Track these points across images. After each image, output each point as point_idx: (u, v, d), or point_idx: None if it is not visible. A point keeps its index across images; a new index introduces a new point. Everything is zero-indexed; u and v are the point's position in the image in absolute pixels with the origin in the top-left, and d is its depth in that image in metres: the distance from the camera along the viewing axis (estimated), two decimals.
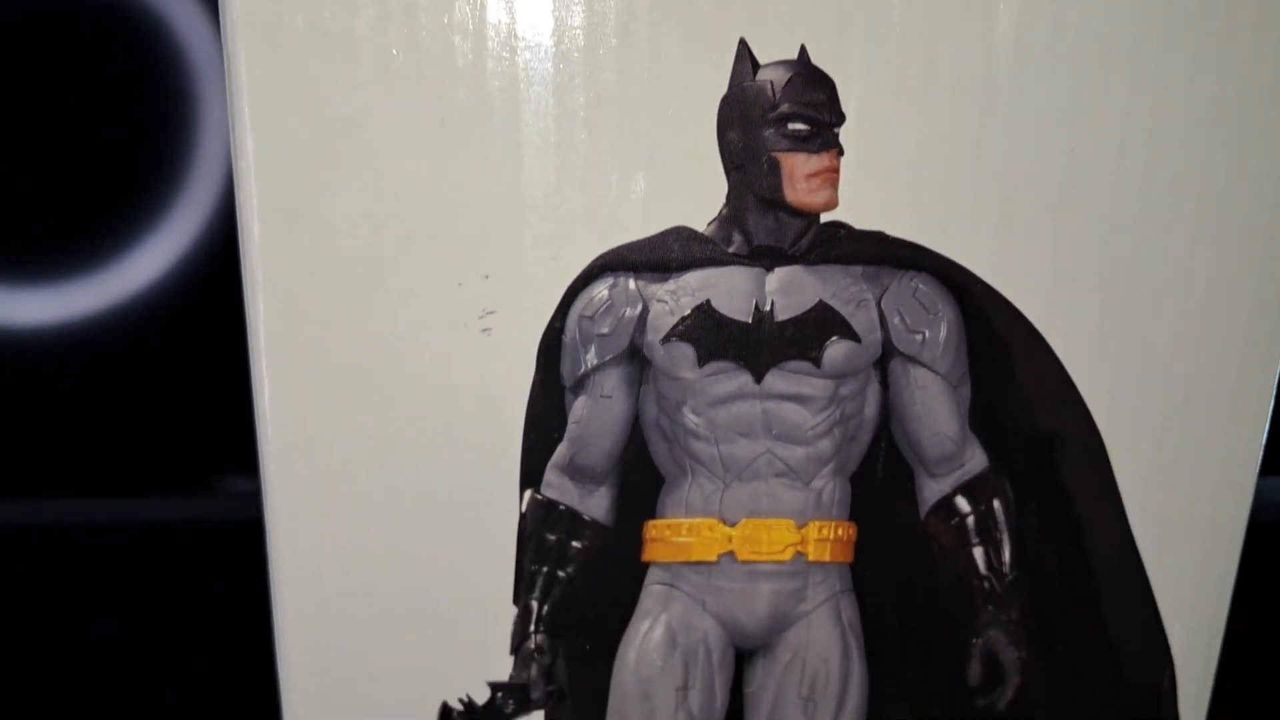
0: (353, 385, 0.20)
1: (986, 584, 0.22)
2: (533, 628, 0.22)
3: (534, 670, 0.22)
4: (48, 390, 0.51)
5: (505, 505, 0.21)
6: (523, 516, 0.21)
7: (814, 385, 0.21)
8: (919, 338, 0.20)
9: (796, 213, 0.19)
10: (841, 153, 0.19)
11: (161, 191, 0.47)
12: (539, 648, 0.22)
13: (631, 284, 0.20)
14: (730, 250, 0.20)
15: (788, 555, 0.22)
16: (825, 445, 0.21)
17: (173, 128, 0.46)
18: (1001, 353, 0.21)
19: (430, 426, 0.20)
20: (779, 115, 0.19)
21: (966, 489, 0.21)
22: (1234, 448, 0.22)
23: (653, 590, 0.22)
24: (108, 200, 0.48)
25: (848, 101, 0.19)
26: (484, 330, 0.19)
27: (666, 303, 0.20)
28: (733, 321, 0.20)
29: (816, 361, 0.20)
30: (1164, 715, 0.24)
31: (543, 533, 0.21)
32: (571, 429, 0.21)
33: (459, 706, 0.22)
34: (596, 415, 0.21)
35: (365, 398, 0.20)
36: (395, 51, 0.18)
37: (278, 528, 0.21)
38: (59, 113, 0.47)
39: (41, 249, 0.48)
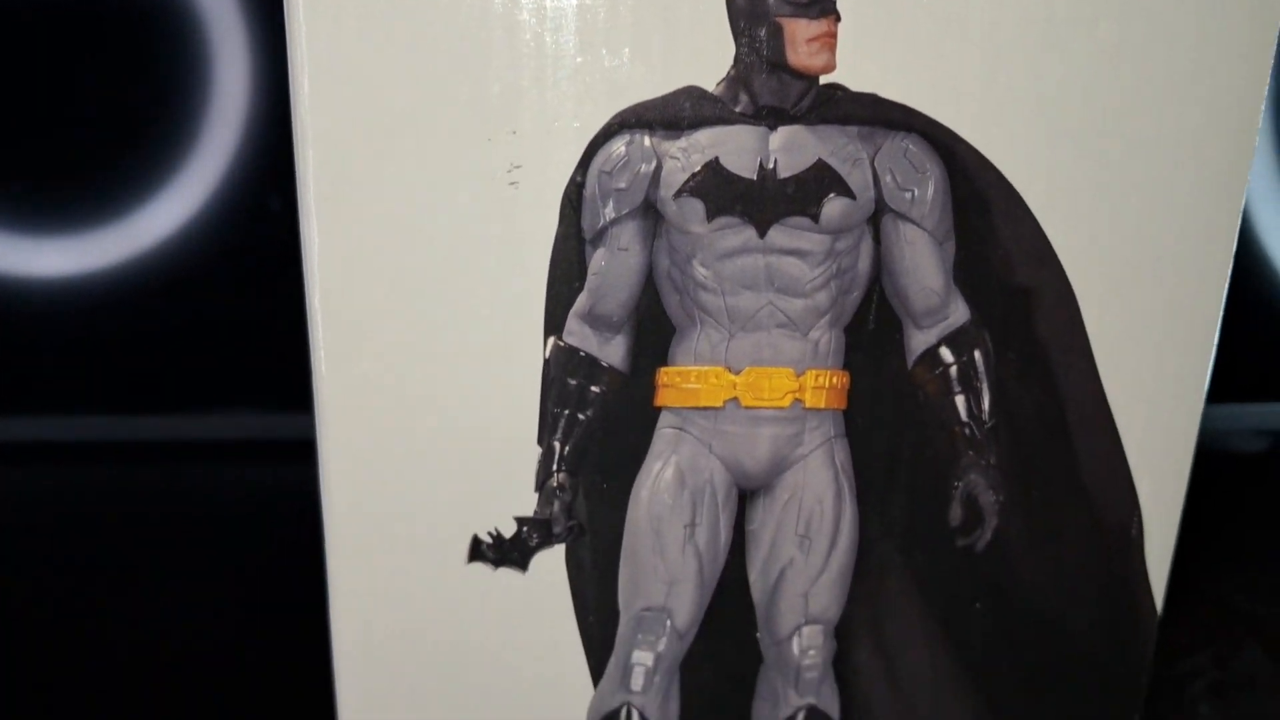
0: (393, 233, 0.22)
1: (967, 430, 0.24)
2: (555, 467, 0.24)
3: (556, 506, 0.24)
4: (69, 337, 0.53)
5: (530, 351, 0.23)
6: (546, 362, 0.23)
7: (813, 240, 0.22)
8: (909, 195, 0.22)
9: (798, 75, 0.21)
10: (839, 19, 0.21)
11: (177, 145, 0.48)
12: (560, 485, 0.24)
13: (646, 141, 0.22)
14: (737, 110, 0.21)
15: (786, 402, 0.24)
16: (822, 298, 0.23)
17: (188, 83, 0.47)
18: (983, 211, 0.23)
19: (462, 274, 0.22)
20: None
21: (950, 340, 0.23)
22: (1198, 305, 0.23)
23: (664, 434, 0.24)
24: (125, 154, 0.49)
25: None
26: (511, 184, 0.21)
27: (678, 159, 0.22)
28: (739, 178, 0.22)
29: (815, 217, 0.22)
30: (1132, 561, 0.26)
31: (564, 377, 0.23)
32: (591, 279, 0.23)
33: (488, 539, 0.24)
34: (614, 267, 0.22)
35: (404, 246, 0.22)
36: None
37: (323, 375, 0.23)
38: (77, 68, 0.48)
39: (61, 201, 0.50)
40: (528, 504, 0.24)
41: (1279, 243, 0.53)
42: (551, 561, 0.25)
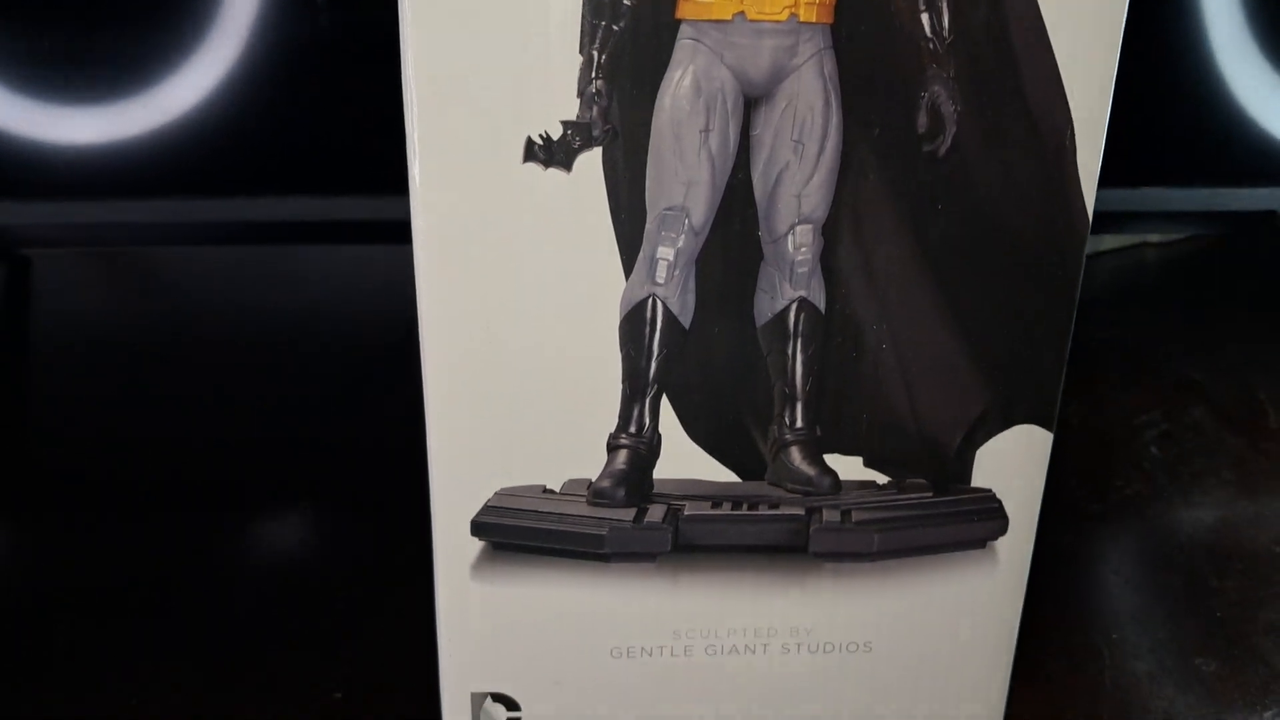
0: None
1: (931, 45, 0.29)
2: (593, 74, 0.29)
3: (594, 111, 0.29)
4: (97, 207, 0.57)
5: None
6: None
7: None
8: None
9: None
10: None
11: (200, 13, 0.50)
12: (598, 91, 0.29)
13: None
14: None
15: (784, 16, 0.29)
16: None
17: None
18: None
19: None
20: None
21: None
22: None
23: (683, 44, 0.29)
24: (151, 21, 0.51)
25: None
26: None
27: None
28: None
29: None
30: (1066, 168, 0.31)
31: None
32: None
33: (539, 140, 0.30)
34: None
35: None
36: None
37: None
38: None
39: (89, 69, 0.52)
40: (572, 113, 0.29)
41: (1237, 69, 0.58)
42: (591, 165, 0.30)
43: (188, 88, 0.52)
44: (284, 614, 0.44)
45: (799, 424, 0.33)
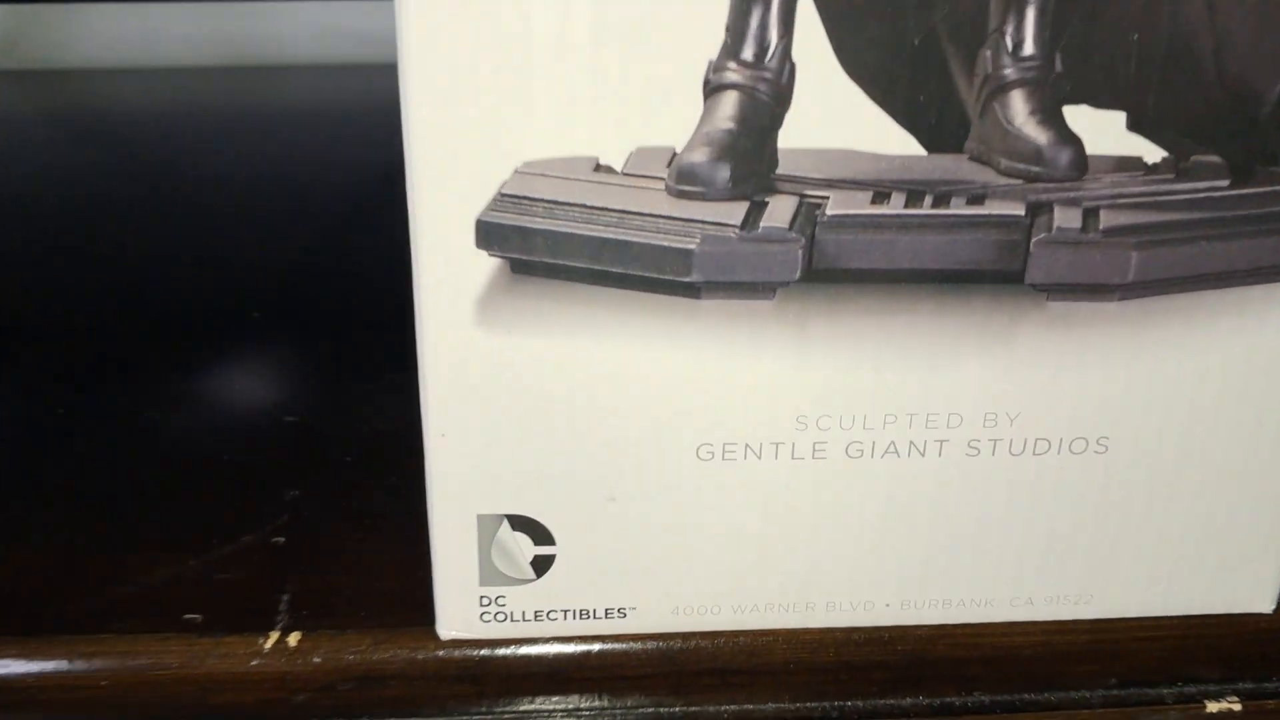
0: None
1: None
2: None
3: None
4: None
5: None
6: None
7: None
8: None
9: None
10: None
11: None
12: None
13: None
14: None
15: None
16: None
17: None
18: None
19: None
20: None
21: None
22: None
23: None
24: None
25: None
26: None
27: None
28: None
29: None
30: None
31: None
32: None
33: None
34: None
35: None
36: None
37: None
38: None
39: None
40: None
41: None
42: None
43: None
44: (243, 438, 0.33)
45: (1028, 49, 0.20)
